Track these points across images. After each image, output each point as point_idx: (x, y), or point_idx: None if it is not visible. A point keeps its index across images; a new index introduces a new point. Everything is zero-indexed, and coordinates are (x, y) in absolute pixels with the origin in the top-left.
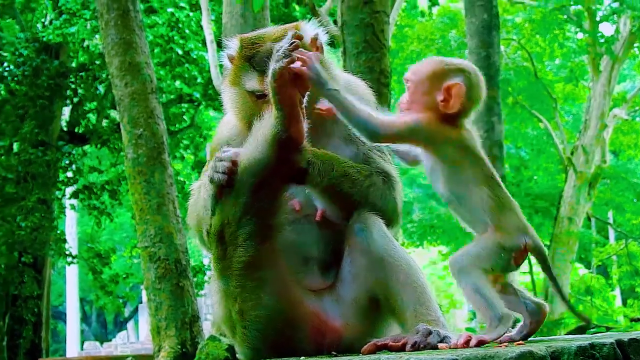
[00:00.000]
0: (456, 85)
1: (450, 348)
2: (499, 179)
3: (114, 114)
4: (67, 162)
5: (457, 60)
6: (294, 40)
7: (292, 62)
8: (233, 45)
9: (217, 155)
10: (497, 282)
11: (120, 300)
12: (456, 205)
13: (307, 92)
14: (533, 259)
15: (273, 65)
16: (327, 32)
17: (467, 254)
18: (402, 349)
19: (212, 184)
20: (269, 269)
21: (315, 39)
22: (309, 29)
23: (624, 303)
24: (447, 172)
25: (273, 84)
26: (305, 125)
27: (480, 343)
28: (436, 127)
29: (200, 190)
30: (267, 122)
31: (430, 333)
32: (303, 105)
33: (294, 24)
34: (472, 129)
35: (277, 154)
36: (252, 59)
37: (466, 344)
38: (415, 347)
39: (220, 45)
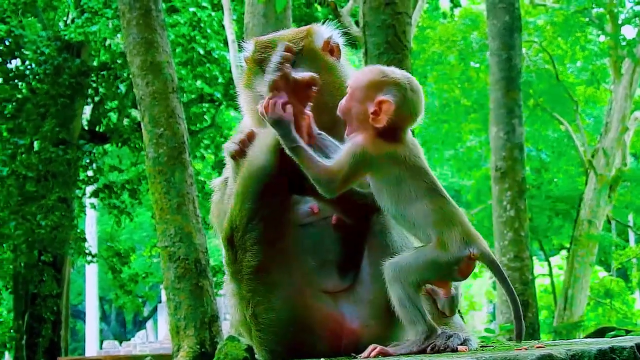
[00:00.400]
0: (386, 101)
1: (470, 351)
2: (443, 190)
3: (134, 113)
4: (88, 160)
5: (398, 73)
6: (283, 54)
7: (285, 75)
8: (249, 47)
9: (234, 135)
10: (443, 288)
11: (140, 300)
12: (401, 221)
13: (309, 102)
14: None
15: (266, 78)
16: (344, 34)
17: (404, 264)
18: (422, 350)
19: (228, 155)
20: (280, 273)
21: (328, 41)
22: (323, 31)
23: None
24: (388, 188)
25: (264, 116)
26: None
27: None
28: (374, 146)
29: (222, 188)
30: (270, 130)
31: (451, 336)
32: (305, 117)
33: (308, 27)
34: (411, 140)
35: (278, 161)
36: (263, 63)
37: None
38: (436, 350)
39: (241, 46)
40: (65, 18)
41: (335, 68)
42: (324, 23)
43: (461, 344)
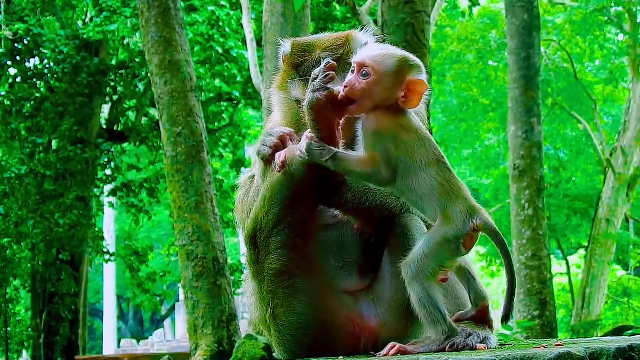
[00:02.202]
0: (419, 82)
1: (489, 349)
2: (448, 162)
3: (153, 111)
4: (106, 159)
5: (411, 55)
6: (328, 72)
7: (330, 95)
8: (286, 48)
9: (266, 130)
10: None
11: (158, 299)
12: (408, 194)
13: (345, 115)
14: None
15: (309, 95)
16: (381, 40)
17: (417, 259)
18: (442, 349)
19: (258, 157)
20: (302, 277)
21: None
22: (362, 38)
23: None
24: (402, 158)
25: (310, 112)
26: (341, 146)
27: (405, 352)
28: (389, 120)
29: (247, 184)
30: (304, 140)
31: (470, 335)
32: (339, 128)
33: (347, 33)
34: (413, 112)
35: (309, 173)
36: (300, 67)
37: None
38: (455, 348)
39: (260, 44)
40: (83, 17)
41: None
42: (362, 29)
43: (480, 343)
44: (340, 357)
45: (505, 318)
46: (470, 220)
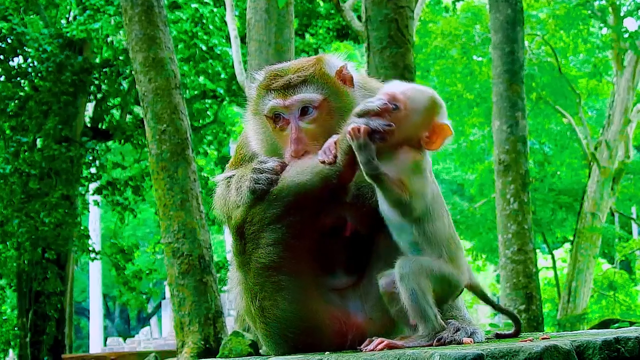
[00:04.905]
0: (446, 126)
1: (475, 343)
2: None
3: (137, 109)
4: (91, 158)
5: (438, 95)
6: (386, 103)
7: (384, 135)
8: (259, 77)
9: (255, 167)
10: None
11: (144, 296)
12: (417, 235)
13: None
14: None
15: (357, 121)
16: (354, 67)
17: (422, 266)
18: (430, 344)
19: (253, 195)
20: (289, 274)
21: (340, 71)
22: (335, 61)
23: None
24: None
25: (352, 139)
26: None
27: (392, 347)
28: (423, 159)
29: (231, 183)
30: (310, 158)
31: (458, 329)
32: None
33: (318, 56)
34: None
35: (324, 185)
36: (270, 86)
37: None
38: (442, 342)
39: (244, 41)
40: (67, 15)
41: (345, 93)
42: (336, 53)
43: (467, 337)
44: (327, 353)
45: (518, 333)
46: (468, 275)
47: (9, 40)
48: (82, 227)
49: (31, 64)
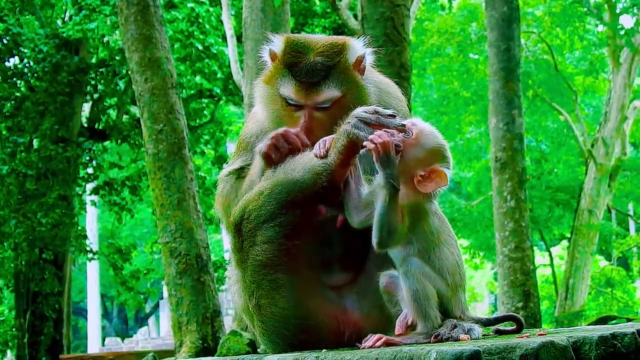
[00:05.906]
0: (443, 175)
1: (471, 340)
2: None
3: (134, 109)
4: (88, 158)
5: (448, 149)
6: (404, 124)
7: (386, 148)
8: (277, 44)
9: (272, 133)
10: None
11: (141, 296)
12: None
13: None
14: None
15: (363, 133)
16: (373, 53)
17: (428, 275)
18: (427, 342)
19: (260, 156)
20: (286, 272)
21: (360, 60)
22: (358, 47)
23: None
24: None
25: (352, 143)
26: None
27: (391, 344)
28: (419, 198)
29: (230, 179)
30: (311, 154)
31: (455, 326)
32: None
33: (344, 40)
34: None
35: (315, 183)
36: (293, 67)
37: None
38: (439, 339)
39: (240, 40)
40: (63, 15)
41: (362, 87)
42: (359, 37)
43: (464, 334)
44: (324, 350)
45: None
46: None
47: (5, 41)
48: (79, 228)
49: (27, 65)
